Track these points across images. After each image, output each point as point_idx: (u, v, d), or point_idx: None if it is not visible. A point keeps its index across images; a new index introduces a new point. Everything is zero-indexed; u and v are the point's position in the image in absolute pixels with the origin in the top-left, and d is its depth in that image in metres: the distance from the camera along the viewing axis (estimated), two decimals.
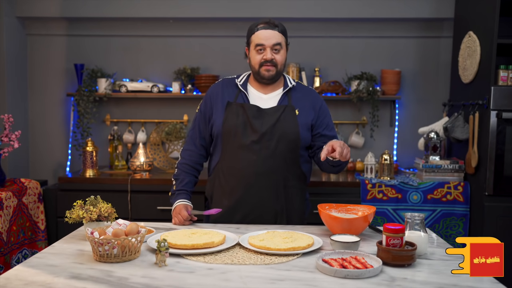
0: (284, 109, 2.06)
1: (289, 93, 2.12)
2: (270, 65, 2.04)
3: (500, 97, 2.79)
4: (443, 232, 3.02)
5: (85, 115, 3.53)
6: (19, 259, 2.87)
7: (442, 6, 3.47)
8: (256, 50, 2.04)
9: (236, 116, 2.05)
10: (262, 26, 2.03)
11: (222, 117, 2.07)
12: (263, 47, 2.03)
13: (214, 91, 2.16)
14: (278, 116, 2.04)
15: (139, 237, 1.52)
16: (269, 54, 2.03)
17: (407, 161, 3.67)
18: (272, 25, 2.03)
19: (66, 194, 3.14)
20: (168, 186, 3.13)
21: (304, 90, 2.18)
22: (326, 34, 3.66)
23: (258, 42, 2.03)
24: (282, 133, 2.03)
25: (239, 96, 2.10)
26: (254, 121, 2.03)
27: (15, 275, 1.39)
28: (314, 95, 2.19)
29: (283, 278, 1.39)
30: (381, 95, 3.49)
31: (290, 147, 2.05)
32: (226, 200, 2.08)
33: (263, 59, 2.03)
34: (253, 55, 2.06)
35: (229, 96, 2.11)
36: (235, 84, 2.14)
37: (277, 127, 2.03)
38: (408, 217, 1.62)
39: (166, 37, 3.72)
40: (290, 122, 2.05)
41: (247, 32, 2.10)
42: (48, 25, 3.70)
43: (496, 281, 1.37)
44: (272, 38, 2.02)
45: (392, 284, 1.35)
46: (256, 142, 2.02)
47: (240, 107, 2.06)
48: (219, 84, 2.19)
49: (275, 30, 2.03)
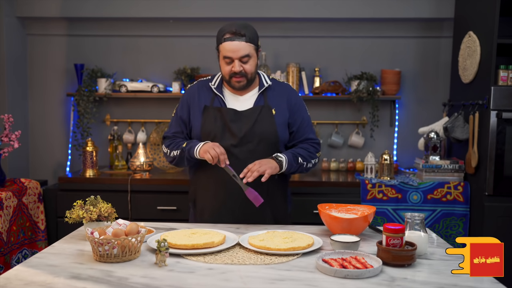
0: (261, 110, 2.04)
1: (265, 92, 2.09)
2: (240, 77, 1.99)
3: (500, 97, 2.79)
4: (443, 232, 3.02)
5: (85, 115, 3.53)
6: (19, 259, 2.87)
7: (442, 6, 3.47)
8: (224, 61, 1.99)
9: (213, 120, 2.03)
10: (229, 37, 1.95)
11: (199, 121, 2.05)
12: (231, 59, 1.97)
13: (190, 94, 2.12)
14: (255, 118, 2.02)
15: (139, 237, 1.52)
16: (238, 66, 1.97)
17: (407, 161, 3.67)
18: (238, 35, 1.94)
19: (66, 194, 3.14)
20: (168, 186, 3.16)
21: (280, 87, 2.14)
22: (326, 34, 3.66)
23: (226, 54, 1.97)
24: (261, 134, 2.02)
25: (215, 99, 2.07)
26: (232, 125, 2.01)
27: (15, 275, 1.39)
28: (290, 91, 2.15)
29: (283, 278, 1.39)
30: (381, 95, 3.49)
31: (270, 147, 2.04)
32: (210, 204, 2.07)
33: (232, 71, 1.98)
34: (223, 65, 2.01)
35: (205, 99, 2.08)
36: (210, 87, 2.10)
37: (255, 129, 2.01)
38: (408, 217, 1.62)
39: (166, 37, 3.72)
40: (268, 122, 2.03)
41: (216, 36, 2.02)
42: (48, 25, 3.70)
43: (496, 281, 1.37)
44: (239, 50, 1.95)
45: (392, 284, 1.35)
46: (236, 146, 2.00)
47: (217, 111, 2.04)
48: (194, 87, 2.14)
49: (242, 40, 1.94)
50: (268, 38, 3.67)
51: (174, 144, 2.08)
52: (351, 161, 3.59)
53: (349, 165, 3.57)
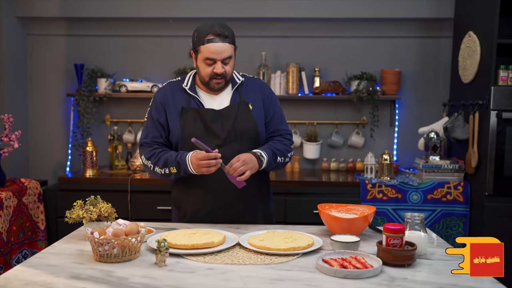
0: (239, 107, 2.02)
1: (239, 88, 2.07)
2: (220, 78, 1.95)
3: (500, 97, 2.79)
4: (443, 232, 3.02)
5: (85, 115, 3.53)
6: (19, 259, 2.87)
7: (442, 6, 3.47)
8: (205, 62, 1.93)
9: (193, 121, 1.98)
10: (213, 39, 1.89)
11: (178, 124, 1.99)
12: (213, 61, 1.92)
13: (162, 96, 2.04)
14: (234, 116, 2.00)
15: (139, 237, 1.52)
16: (220, 68, 1.92)
17: (407, 161, 3.67)
18: (223, 36, 1.90)
19: (66, 194, 3.14)
20: (168, 186, 3.12)
21: (252, 82, 2.12)
22: (326, 34, 3.66)
23: (209, 56, 1.90)
24: (242, 132, 2.00)
25: (191, 100, 2.01)
26: (213, 125, 1.98)
27: (15, 275, 1.39)
28: (261, 84, 2.14)
29: (283, 278, 1.39)
30: (381, 95, 3.49)
31: (252, 144, 2.02)
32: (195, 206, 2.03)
33: (213, 72, 1.93)
34: (202, 66, 1.94)
35: (180, 101, 2.02)
36: (183, 88, 2.04)
37: (236, 127, 1.99)
38: (408, 217, 1.62)
39: (166, 37, 3.72)
40: (247, 119, 2.01)
41: (195, 36, 1.94)
42: (48, 25, 3.70)
43: (496, 281, 1.37)
44: (223, 52, 1.90)
45: (392, 284, 1.35)
46: (221, 146, 1.97)
47: (195, 112, 1.98)
48: (166, 88, 2.06)
49: (226, 42, 1.91)
50: (268, 38, 3.67)
51: (156, 158, 1.97)
52: (351, 161, 3.59)
53: (349, 165, 3.57)
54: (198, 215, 2.03)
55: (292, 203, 3.07)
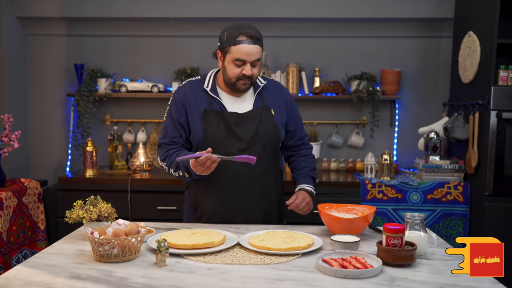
0: (262, 112, 2.02)
1: (261, 91, 2.07)
2: (248, 80, 1.95)
3: (500, 97, 2.79)
4: (443, 232, 3.02)
5: (85, 115, 3.53)
6: (19, 259, 2.87)
7: (442, 6, 3.47)
8: (235, 63, 1.92)
9: (216, 124, 1.96)
10: (246, 40, 1.88)
11: (200, 126, 1.97)
12: (243, 62, 1.91)
13: (183, 95, 2.02)
14: (258, 120, 2.00)
15: (139, 237, 1.52)
16: (249, 70, 1.92)
17: (407, 161, 3.67)
18: (255, 39, 1.90)
19: (66, 194, 3.14)
20: (168, 186, 3.16)
21: (273, 85, 2.12)
22: (326, 34, 3.66)
23: (240, 57, 1.90)
24: (265, 137, 2.00)
25: (213, 102, 2.00)
26: (236, 129, 1.97)
27: (15, 275, 1.39)
28: (283, 89, 2.16)
29: (283, 278, 1.39)
30: (381, 95, 3.49)
31: (273, 148, 2.04)
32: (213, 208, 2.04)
33: (242, 73, 1.92)
34: (231, 67, 1.93)
35: (201, 102, 2.00)
36: (203, 89, 2.02)
37: (260, 132, 1.99)
38: (408, 217, 1.62)
39: (166, 37, 3.72)
40: (270, 124, 2.02)
41: (225, 37, 1.93)
42: (48, 25, 3.70)
43: (496, 281, 1.37)
44: (254, 54, 1.91)
45: (392, 284, 1.35)
46: (244, 150, 1.97)
47: (218, 115, 1.97)
48: (186, 87, 2.04)
49: (257, 44, 1.91)
50: (268, 38, 3.63)
51: (169, 160, 1.97)
52: (351, 161, 3.59)
53: (349, 165, 3.57)
54: (216, 217, 2.04)
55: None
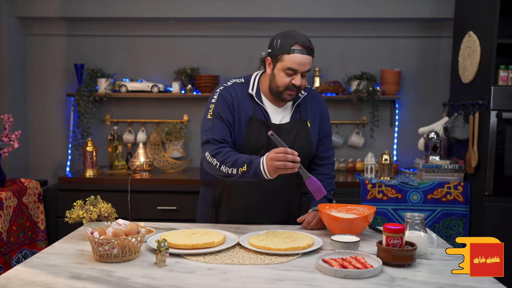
0: (299, 124, 1.99)
1: (300, 102, 2.03)
2: (295, 90, 1.90)
3: (500, 97, 2.79)
4: (443, 232, 3.02)
5: (85, 115, 3.53)
6: (19, 259, 2.87)
7: (442, 6, 3.47)
8: (285, 72, 1.86)
9: (258, 133, 1.92)
10: (300, 50, 1.84)
11: (243, 132, 1.93)
12: (294, 72, 1.86)
13: (232, 97, 1.94)
14: (295, 133, 1.97)
15: (139, 237, 1.52)
16: (299, 80, 1.86)
17: (407, 161, 3.67)
18: (309, 49, 1.86)
19: (66, 194, 3.14)
20: (168, 186, 3.16)
21: (311, 95, 2.08)
22: (326, 34, 3.66)
23: (292, 66, 1.84)
24: (300, 149, 1.93)
25: (257, 109, 1.95)
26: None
27: (15, 275, 1.39)
28: (319, 99, 2.12)
29: (283, 278, 1.39)
30: (381, 95, 3.49)
31: (304, 161, 2.02)
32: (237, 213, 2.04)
33: (291, 83, 1.87)
34: (281, 76, 1.87)
35: (248, 108, 1.94)
36: (248, 94, 1.96)
37: (295, 144, 1.96)
38: (408, 217, 1.62)
39: (166, 37, 3.72)
40: (305, 137, 2.00)
41: (277, 44, 1.88)
42: (48, 25, 3.70)
43: (496, 281, 1.37)
44: (307, 64, 1.86)
45: (392, 284, 1.35)
46: None
47: (262, 124, 1.93)
48: (234, 89, 1.96)
49: (311, 55, 1.87)
50: (268, 38, 3.63)
51: (224, 157, 1.83)
52: (351, 161, 3.59)
53: (349, 165, 3.57)
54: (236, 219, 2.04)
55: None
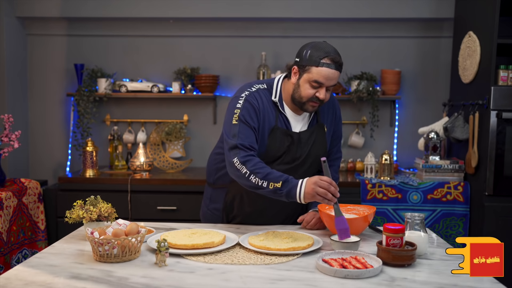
0: (317, 131, 1.98)
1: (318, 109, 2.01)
2: (318, 103, 1.87)
3: (500, 97, 2.79)
4: (443, 232, 3.02)
5: (85, 115, 3.53)
6: (19, 259, 2.87)
7: (442, 6, 3.47)
8: (311, 83, 1.83)
9: (279, 142, 1.91)
10: (329, 64, 1.80)
11: (265, 141, 1.90)
12: (320, 85, 1.83)
13: (259, 104, 1.91)
14: (313, 140, 1.96)
15: (139, 237, 1.52)
16: (324, 94, 1.84)
17: (407, 161, 3.67)
18: (338, 65, 1.82)
19: (66, 194, 3.14)
20: (168, 186, 3.16)
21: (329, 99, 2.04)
22: (326, 34, 3.65)
23: (319, 79, 1.81)
24: (315, 156, 1.96)
25: (279, 118, 1.93)
26: (292, 147, 1.93)
27: (15, 275, 1.39)
28: (335, 103, 2.09)
29: (283, 278, 1.39)
30: (381, 95, 3.49)
31: (317, 167, 2.02)
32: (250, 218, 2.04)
33: (315, 95, 1.84)
34: (306, 87, 1.84)
35: (272, 116, 1.92)
36: (272, 101, 1.93)
37: (311, 152, 1.96)
38: (408, 217, 1.62)
39: (166, 37, 3.72)
40: (322, 143, 1.99)
41: (307, 54, 1.83)
42: (48, 25, 3.70)
43: (496, 281, 1.37)
44: (334, 79, 1.83)
45: (392, 284, 1.35)
46: (291, 169, 1.93)
47: (285, 135, 1.92)
48: (259, 95, 1.93)
49: (339, 70, 1.83)
50: (268, 38, 3.67)
51: (256, 167, 1.78)
52: (351, 161, 3.59)
53: (349, 165, 3.57)
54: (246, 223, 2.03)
55: None
